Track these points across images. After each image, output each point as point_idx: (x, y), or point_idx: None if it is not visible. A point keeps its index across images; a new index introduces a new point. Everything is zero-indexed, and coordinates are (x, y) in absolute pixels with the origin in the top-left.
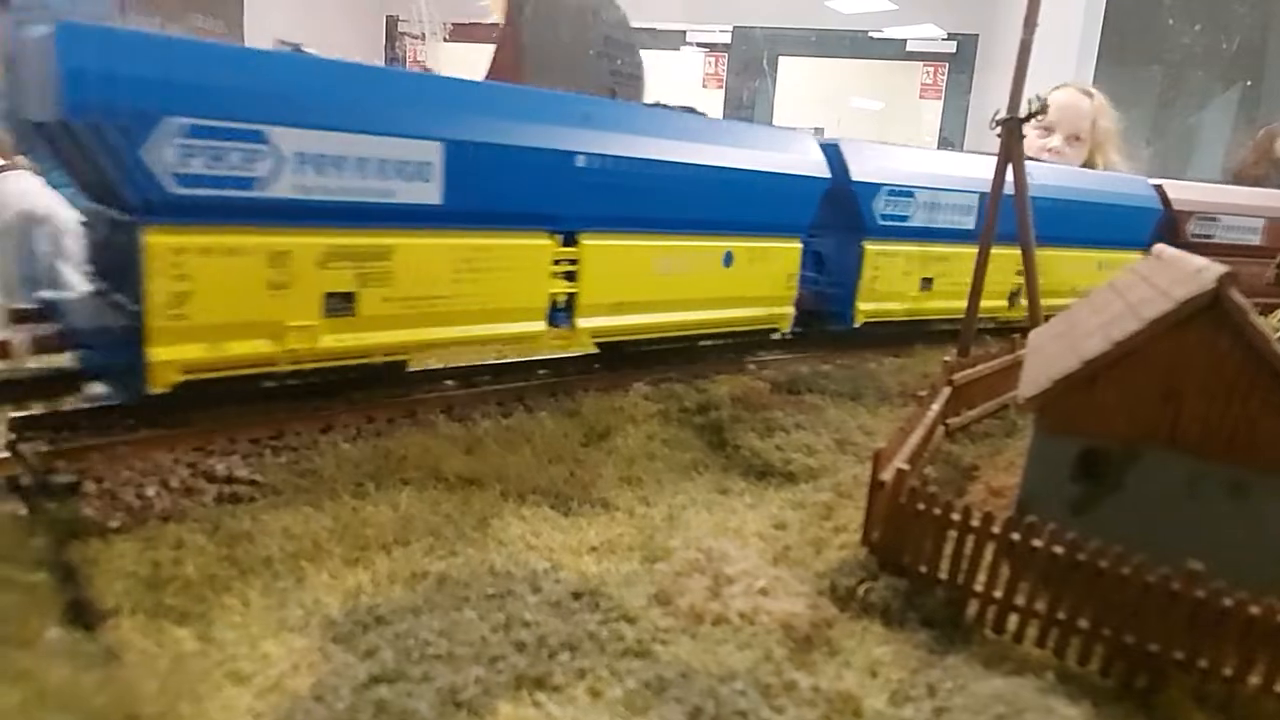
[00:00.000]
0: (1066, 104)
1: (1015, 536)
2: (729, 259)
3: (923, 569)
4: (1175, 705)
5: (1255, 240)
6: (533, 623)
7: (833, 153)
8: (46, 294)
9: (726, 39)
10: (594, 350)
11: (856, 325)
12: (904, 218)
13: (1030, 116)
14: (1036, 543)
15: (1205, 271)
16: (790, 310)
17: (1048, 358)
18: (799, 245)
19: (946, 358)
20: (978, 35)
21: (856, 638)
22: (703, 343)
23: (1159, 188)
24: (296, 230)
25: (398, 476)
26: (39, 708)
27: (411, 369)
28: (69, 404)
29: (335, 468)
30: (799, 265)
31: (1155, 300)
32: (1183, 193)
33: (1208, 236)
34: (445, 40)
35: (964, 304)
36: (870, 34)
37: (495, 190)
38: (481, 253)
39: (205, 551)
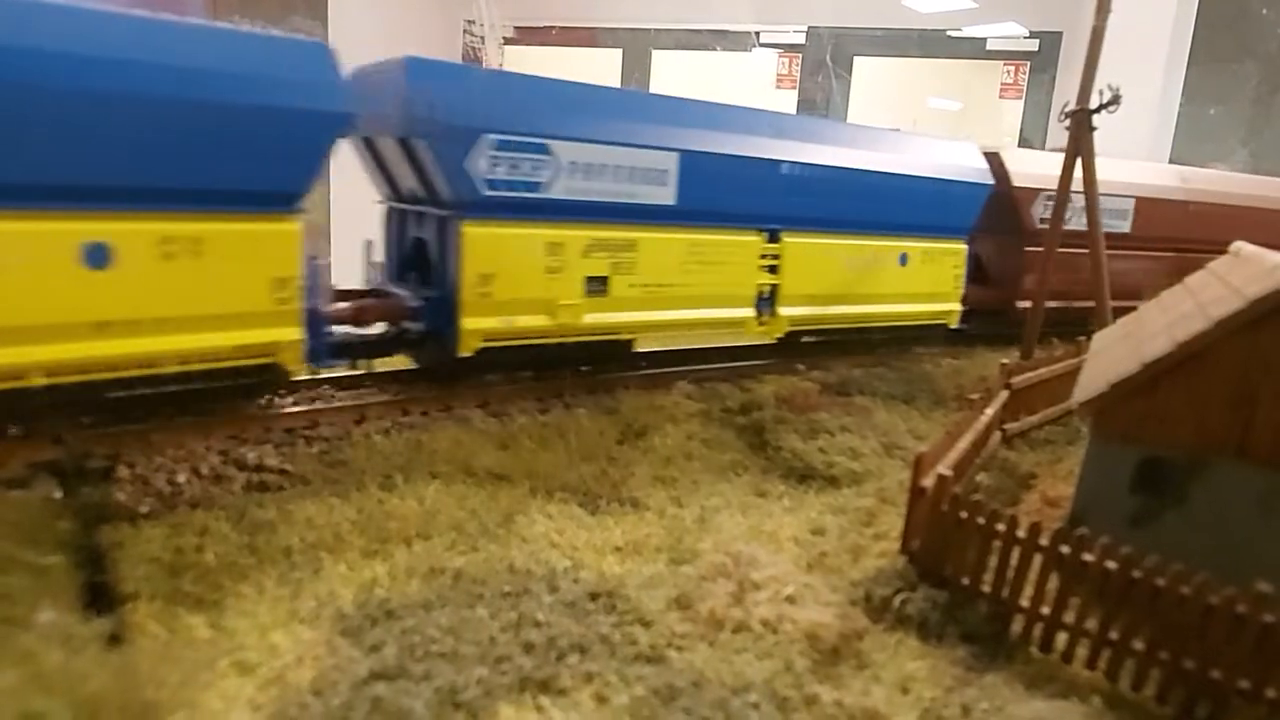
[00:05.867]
0: None
1: (1065, 549)
2: (98, 256)
3: (965, 581)
4: None
5: (1124, 228)
6: (544, 623)
7: (389, 79)
8: None
9: (800, 39)
10: None
11: (467, 355)
12: (533, 185)
13: (1102, 107)
14: (1088, 557)
15: None
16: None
17: (1109, 360)
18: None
19: (1005, 360)
20: (1061, 33)
21: (889, 651)
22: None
23: (994, 156)
24: None
25: (427, 470)
26: (34, 690)
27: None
28: None
29: (366, 459)
30: (297, 265)
31: (1226, 299)
32: (1027, 164)
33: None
34: (505, 42)
35: (680, 314)
36: (948, 32)
37: None
38: None
39: (228, 539)
